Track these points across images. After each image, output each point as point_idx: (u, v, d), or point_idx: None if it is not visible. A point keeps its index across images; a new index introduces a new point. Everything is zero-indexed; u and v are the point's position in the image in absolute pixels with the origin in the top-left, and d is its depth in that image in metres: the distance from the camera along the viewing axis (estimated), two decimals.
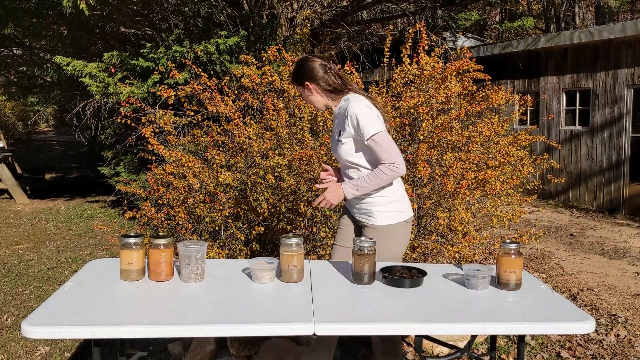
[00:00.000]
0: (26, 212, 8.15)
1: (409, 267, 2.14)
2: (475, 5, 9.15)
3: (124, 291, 1.93)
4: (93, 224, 7.01)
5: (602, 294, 4.29)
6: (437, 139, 3.89)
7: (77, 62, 5.47)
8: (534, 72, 8.77)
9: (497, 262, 2.02)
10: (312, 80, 2.34)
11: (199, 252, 2.01)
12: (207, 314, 1.73)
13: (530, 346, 3.33)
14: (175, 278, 2.06)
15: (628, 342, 3.40)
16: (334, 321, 1.69)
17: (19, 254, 5.61)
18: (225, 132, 4.18)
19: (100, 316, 1.68)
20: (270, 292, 1.94)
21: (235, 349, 2.98)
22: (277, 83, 4.15)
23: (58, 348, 3.33)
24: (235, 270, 2.19)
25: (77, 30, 7.10)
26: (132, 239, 1.99)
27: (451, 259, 4.12)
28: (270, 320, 1.68)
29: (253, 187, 3.89)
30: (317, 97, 2.38)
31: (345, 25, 7.10)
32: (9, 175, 9.11)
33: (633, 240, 6.11)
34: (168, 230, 4.01)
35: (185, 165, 3.89)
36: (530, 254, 5.52)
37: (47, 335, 1.61)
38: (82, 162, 14.95)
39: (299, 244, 2.03)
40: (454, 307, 1.83)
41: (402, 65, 4.21)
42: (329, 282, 2.07)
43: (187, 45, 5.45)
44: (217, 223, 3.82)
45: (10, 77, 9.33)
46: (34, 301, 4.15)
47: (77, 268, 3.09)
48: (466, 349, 2.09)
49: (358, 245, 2.01)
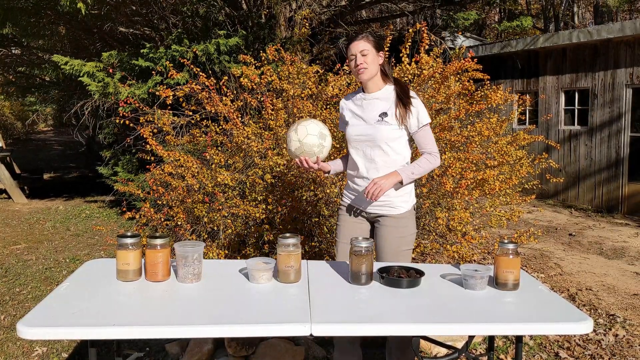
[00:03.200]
0: (24, 212, 8.14)
1: (406, 267, 2.14)
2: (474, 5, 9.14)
3: (120, 291, 1.92)
4: (91, 224, 6.99)
5: (600, 294, 4.28)
6: (437, 138, 3.89)
7: (75, 61, 5.46)
8: (533, 72, 8.76)
9: (495, 262, 2.01)
10: (383, 53, 2.49)
11: (195, 253, 2.00)
12: (204, 315, 1.72)
13: (529, 346, 3.33)
14: (172, 278, 2.05)
15: (626, 342, 3.39)
16: (331, 322, 1.68)
17: (16, 254, 5.60)
18: (223, 132, 4.17)
19: (96, 317, 1.67)
20: (268, 293, 1.93)
21: (232, 349, 2.97)
22: (275, 83, 4.14)
23: (55, 348, 3.32)
24: (232, 271, 2.18)
25: (75, 30, 7.09)
26: (128, 239, 1.98)
27: (450, 258, 4.11)
28: (268, 321, 1.67)
29: (252, 187, 3.89)
30: (375, 68, 2.45)
31: (344, 24, 7.09)
32: (7, 175, 9.10)
33: (632, 240, 6.11)
34: (167, 231, 4.00)
35: (183, 165, 3.88)
36: (529, 253, 5.52)
37: (43, 336, 1.60)
38: (81, 162, 14.93)
39: (296, 244, 2.02)
40: (452, 308, 1.82)
41: (401, 64, 4.21)
42: (326, 282, 2.07)
43: (186, 44, 5.44)
44: (216, 223, 3.81)
45: (8, 76, 9.31)
46: (31, 301, 4.14)
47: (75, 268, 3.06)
48: (464, 349, 2.08)
49: (355, 246, 2.00)
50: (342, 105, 2.64)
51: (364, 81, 2.47)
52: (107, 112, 6.25)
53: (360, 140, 2.47)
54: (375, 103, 2.47)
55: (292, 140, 2.39)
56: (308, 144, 2.38)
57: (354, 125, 2.50)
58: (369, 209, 2.50)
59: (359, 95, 2.55)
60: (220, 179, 3.76)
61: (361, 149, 2.47)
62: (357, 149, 2.49)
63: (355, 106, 2.54)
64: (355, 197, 2.54)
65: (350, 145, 2.53)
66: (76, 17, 5.92)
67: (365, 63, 2.40)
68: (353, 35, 2.45)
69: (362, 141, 2.46)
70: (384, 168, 2.43)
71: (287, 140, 2.43)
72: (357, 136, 2.47)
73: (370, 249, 2.01)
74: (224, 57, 5.46)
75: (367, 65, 2.40)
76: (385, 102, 2.46)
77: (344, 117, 2.58)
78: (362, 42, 2.40)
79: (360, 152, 2.48)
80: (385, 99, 2.47)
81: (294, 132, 2.39)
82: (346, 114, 2.57)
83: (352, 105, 2.56)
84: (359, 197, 2.52)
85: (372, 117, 2.45)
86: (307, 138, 2.37)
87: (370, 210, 2.50)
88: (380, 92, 2.49)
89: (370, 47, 2.41)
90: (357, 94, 2.57)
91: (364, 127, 2.46)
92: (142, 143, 4.47)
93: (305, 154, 2.39)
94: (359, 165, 2.49)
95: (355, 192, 2.54)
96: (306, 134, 2.37)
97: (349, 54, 2.44)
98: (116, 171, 7.16)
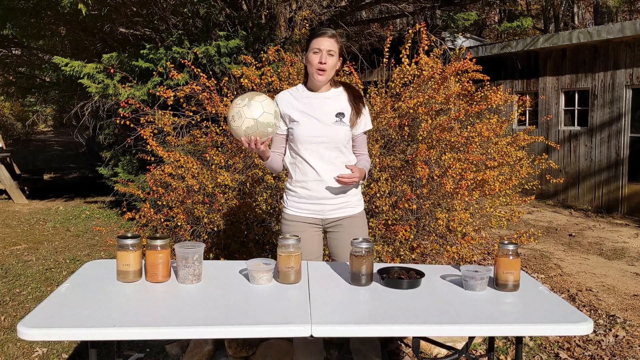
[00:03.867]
0: (24, 213, 8.14)
1: (406, 268, 2.14)
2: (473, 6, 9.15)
3: (120, 292, 1.92)
4: (91, 225, 7.00)
5: (600, 295, 4.29)
6: (436, 139, 3.89)
7: (76, 63, 5.46)
8: (533, 73, 8.77)
9: (495, 263, 2.01)
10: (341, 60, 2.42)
11: (196, 253, 2.00)
12: (204, 316, 1.72)
13: (529, 347, 3.33)
14: (173, 279, 2.05)
15: (626, 343, 3.39)
16: (331, 323, 1.68)
17: (17, 255, 5.60)
18: (224, 133, 4.17)
19: (97, 318, 1.68)
20: (268, 294, 1.93)
21: (232, 349, 2.97)
22: (276, 84, 4.15)
23: (55, 349, 3.32)
24: (232, 272, 2.18)
25: (75, 31, 7.08)
26: (129, 240, 1.99)
27: (450, 259, 4.11)
28: (268, 322, 1.67)
29: (252, 188, 3.89)
30: (333, 73, 2.37)
31: (344, 25, 7.09)
32: (7, 176, 9.10)
33: (632, 241, 6.11)
34: (167, 232, 4.00)
35: (183, 166, 3.89)
36: (529, 254, 5.52)
37: (43, 337, 1.60)
38: (81, 163, 14.94)
39: (296, 245, 2.02)
40: (452, 309, 1.82)
41: (401, 65, 4.21)
42: (326, 283, 2.07)
43: (187, 46, 5.44)
44: (216, 224, 3.81)
45: (8, 77, 9.32)
46: (31, 302, 4.14)
47: (75, 269, 3.06)
48: (464, 350, 2.09)
49: (356, 247, 2.00)
50: (283, 101, 2.40)
51: (319, 82, 2.34)
52: (108, 113, 6.25)
53: (315, 142, 2.31)
54: (328, 103, 2.36)
55: (245, 118, 2.10)
56: (264, 123, 2.12)
57: (306, 125, 2.32)
58: (329, 214, 2.38)
59: (303, 93, 2.40)
60: (220, 179, 3.76)
61: (316, 151, 2.32)
62: (311, 150, 2.32)
63: (301, 104, 2.36)
64: (313, 206, 2.37)
65: (300, 147, 2.34)
66: (76, 17, 5.92)
67: (328, 65, 2.29)
68: (324, 30, 2.31)
69: (317, 142, 2.31)
70: (343, 170, 2.32)
71: (235, 115, 2.13)
72: (313, 137, 2.31)
73: (371, 249, 2.01)
74: (225, 59, 5.47)
75: (328, 67, 2.29)
76: (336, 101, 2.37)
77: (290, 115, 2.36)
78: (332, 42, 2.28)
79: (316, 154, 2.32)
80: (335, 99, 2.38)
81: (245, 107, 2.11)
82: (291, 112, 2.36)
83: (297, 103, 2.37)
84: (316, 205, 2.37)
85: (328, 118, 2.32)
86: (264, 116, 2.12)
87: (330, 216, 2.38)
88: (329, 92, 2.39)
89: (337, 50, 2.31)
90: (298, 90, 2.42)
91: (318, 128, 2.31)
92: (142, 144, 4.47)
93: (257, 134, 2.13)
94: (315, 168, 2.33)
95: (310, 199, 2.37)
96: (262, 112, 2.12)
97: (314, 46, 2.29)
98: (116, 172, 7.16)
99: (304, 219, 2.39)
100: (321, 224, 2.42)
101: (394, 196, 3.72)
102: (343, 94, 2.41)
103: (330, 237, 2.45)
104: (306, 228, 2.39)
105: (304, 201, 2.38)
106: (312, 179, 2.34)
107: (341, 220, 2.40)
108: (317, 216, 2.39)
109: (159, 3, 6.11)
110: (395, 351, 3.14)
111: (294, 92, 2.42)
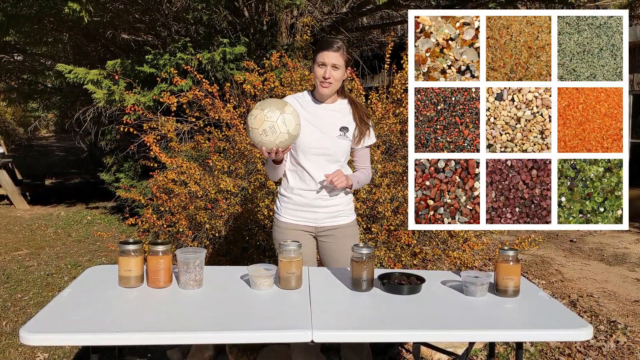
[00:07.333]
0: (26, 218, 8.16)
1: (407, 273, 2.15)
2: None
3: (122, 298, 1.93)
4: (93, 230, 7.01)
5: (601, 300, 4.28)
6: None
7: (80, 70, 5.48)
8: None
9: (495, 269, 2.02)
10: (350, 70, 2.41)
11: (197, 259, 2.01)
12: (205, 321, 1.73)
13: (530, 353, 3.33)
14: (174, 285, 2.06)
15: (627, 349, 3.39)
16: (332, 328, 1.69)
17: (18, 260, 5.61)
18: (226, 138, 4.19)
19: (98, 323, 1.68)
20: (269, 299, 1.94)
21: (234, 355, 2.97)
22: (278, 89, 4.17)
23: (57, 355, 3.32)
24: (233, 277, 2.19)
25: (77, 37, 7.13)
26: (130, 246, 2.00)
27: (451, 265, 4.12)
28: (269, 327, 1.68)
29: (254, 194, 3.90)
30: (339, 85, 2.36)
31: (345, 31, 7.12)
32: (9, 181, 9.12)
33: (633, 247, 6.10)
34: (169, 237, 4.01)
35: (186, 172, 3.90)
36: (529, 260, 5.52)
37: (45, 342, 1.61)
38: (83, 168, 14.96)
39: (297, 251, 2.03)
40: (452, 314, 1.83)
41: (402, 71, 4.22)
42: (327, 289, 2.08)
43: (190, 52, 5.47)
44: (218, 229, 3.82)
45: (11, 83, 9.36)
46: (33, 307, 4.15)
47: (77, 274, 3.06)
48: (464, 355, 2.09)
49: (357, 252, 2.01)
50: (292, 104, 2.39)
51: (324, 95, 2.35)
52: (110, 119, 6.27)
53: (316, 153, 2.33)
54: (333, 115, 2.37)
55: (280, 132, 2.07)
56: (294, 135, 2.12)
57: (309, 135, 2.32)
58: (322, 222, 2.40)
59: (310, 102, 2.40)
60: (223, 185, 3.77)
61: (316, 162, 2.34)
62: (311, 161, 2.34)
63: (307, 113, 2.35)
64: (307, 213, 2.39)
65: (301, 156, 2.35)
66: (79, 24, 5.96)
67: (333, 78, 2.28)
68: (329, 42, 2.29)
69: (318, 154, 2.33)
70: None
71: (267, 130, 2.07)
72: (314, 148, 2.32)
73: (372, 255, 2.02)
74: (228, 65, 5.50)
75: (333, 81, 2.29)
76: (341, 114, 2.38)
77: None
78: (337, 56, 2.26)
79: (315, 164, 2.34)
80: (340, 112, 2.39)
81: (280, 122, 2.07)
82: None
83: (302, 111, 2.35)
84: (310, 213, 2.39)
85: (332, 131, 2.34)
86: (296, 129, 2.11)
87: (323, 224, 2.40)
88: (335, 104, 2.40)
89: (342, 63, 2.29)
90: (305, 98, 2.41)
91: (321, 139, 2.32)
92: (144, 150, 4.48)
93: (285, 144, 2.13)
94: (314, 177, 2.34)
95: (305, 206, 2.39)
96: (295, 124, 2.11)
97: (319, 60, 2.28)
98: (118, 177, 7.17)
99: (298, 227, 2.41)
100: (314, 231, 2.43)
101: (395, 202, 3.72)
102: (349, 107, 2.41)
103: (321, 246, 2.46)
104: (299, 235, 2.39)
105: (298, 208, 2.39)
106: (310, 188, 2.36)
107: (333, 229, 2.41)
108: (310, 224, 2.41)
109: (161, 10, 6.15)
110: (396, 357, 3.14)
111: (300, 98, 2.42)
